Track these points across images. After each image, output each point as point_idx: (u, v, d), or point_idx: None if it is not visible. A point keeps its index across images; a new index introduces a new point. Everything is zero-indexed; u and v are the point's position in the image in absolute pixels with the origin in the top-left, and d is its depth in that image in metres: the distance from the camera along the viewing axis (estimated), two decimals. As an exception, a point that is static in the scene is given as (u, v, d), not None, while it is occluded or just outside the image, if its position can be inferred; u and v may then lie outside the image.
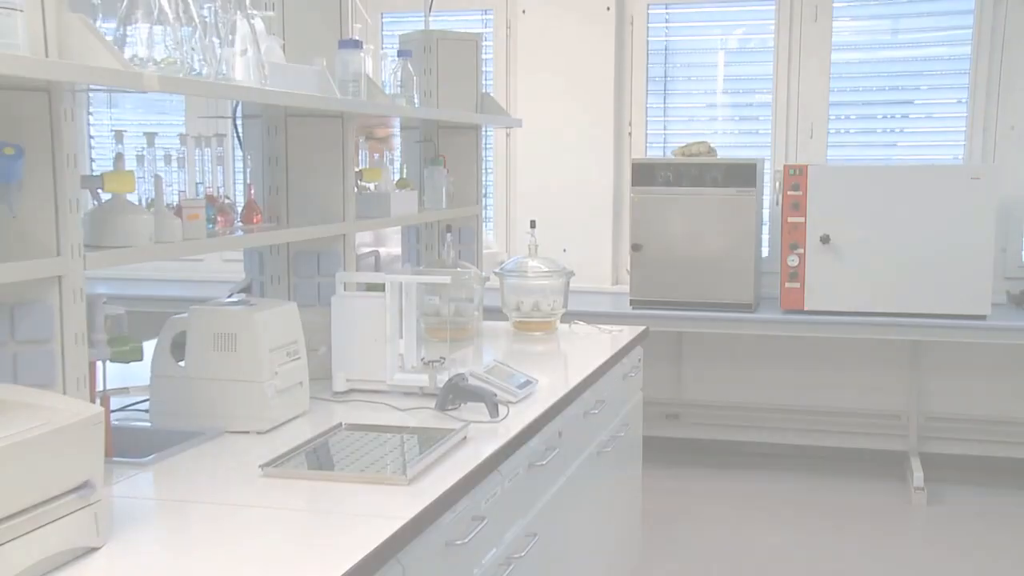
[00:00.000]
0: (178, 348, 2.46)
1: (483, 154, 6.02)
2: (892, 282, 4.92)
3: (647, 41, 5.80)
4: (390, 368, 2.85)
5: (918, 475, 5.04)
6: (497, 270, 3.92)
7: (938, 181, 4.90)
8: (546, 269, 3.88)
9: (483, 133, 6.08)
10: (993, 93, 5.35)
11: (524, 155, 5.88)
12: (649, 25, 5.78)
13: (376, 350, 2.84)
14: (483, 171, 6.07)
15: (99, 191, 2.05)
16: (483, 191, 6.10)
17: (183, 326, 2.45)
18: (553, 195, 5.76)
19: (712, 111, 5.88)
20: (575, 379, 3.11)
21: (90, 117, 6.09)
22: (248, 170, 2.98)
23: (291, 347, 2.56)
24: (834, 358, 5.60)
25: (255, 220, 2.84)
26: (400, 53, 3.64)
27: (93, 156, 6.11)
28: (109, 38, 1.92)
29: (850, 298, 4.99)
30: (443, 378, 2.76)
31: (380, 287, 2.86)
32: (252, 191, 2.88)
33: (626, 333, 3.86)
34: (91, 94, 5.89)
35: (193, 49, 2.10)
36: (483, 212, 6.14)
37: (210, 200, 2.72)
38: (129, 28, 2.03)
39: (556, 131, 5.74)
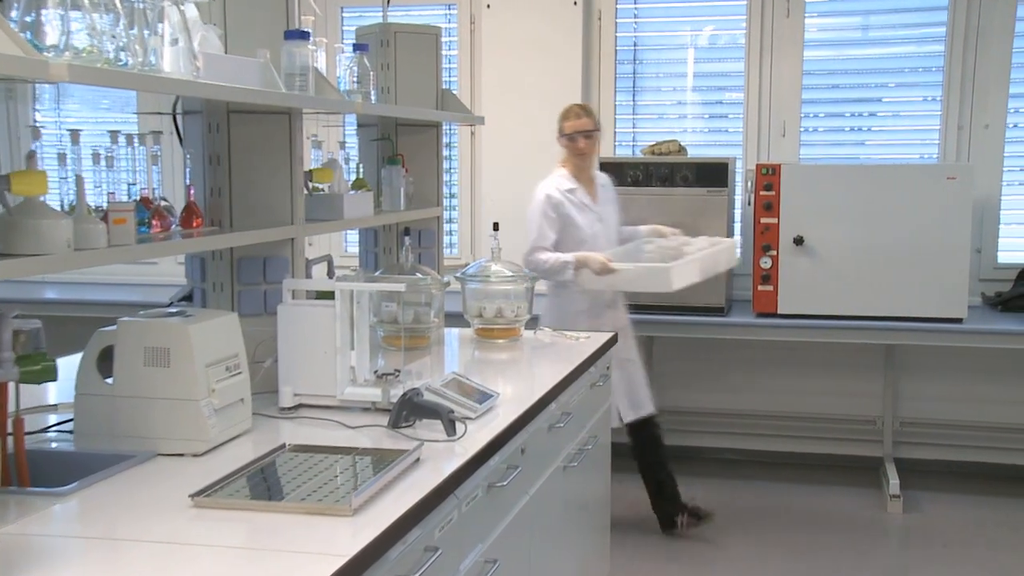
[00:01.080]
0: (105, 364, 2.26)
1: (445, 153, 5.91)
2: (867, 285, 4.79)
3: (615, 37, 5.65)
4: (341, 382, 2.67)
5: (894, 482, 4.91)
6: (458, 274, 3.74)
7: (913, 181, 4.77)
8: (509, 274, 3.71)
9: (448, 131, 5.98)
10: (967, 91, 5.24)
11: (489, 154, 5.70)
12: (617, 20, 5.63)
13: (326, 363, 2.66)
14: (444, 171, 5.94)
15: (5, 193, 1.84)
16: (447, 192, 5.98)
17: (110, 339, 2.26)
18: (519, 196, 5.55)
19: (682, 108, 5.73)
20: (539, 391, 2.93)
21: (36, 114, 5.86)
22: (188, 170, 2.78)
23: (231, 361, 2.37)
24: (808, 362, 5.47)
25: (195, 224, 2.64)
26: (356, 47, 3.45)
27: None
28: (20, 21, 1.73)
29: (824, 301, 4.85)
30: (397, 393, 2.58)
31: (332, 295, 2.67)
32: (192, 192, 2.68)
33: (593, 340, 3.69)
34: (40, 90, 5.67)
35: (114, 37, 1.90)
36: (447, 214, 6.02)
37: (144, 203, 2.52)
38: (44, 13, 1.83)
39: (522, 129, 5.57)
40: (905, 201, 4.75)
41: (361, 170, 3.83)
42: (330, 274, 3.37)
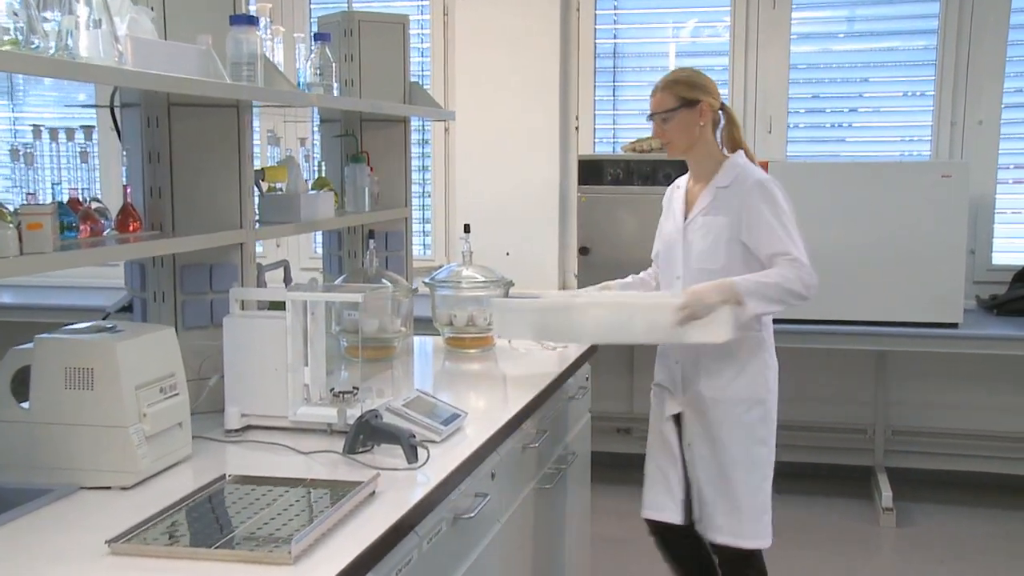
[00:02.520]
0: (21, 386, 2.01)
1: (417, 150, 5.69)
2: (858, 288, 4.58)
3: (595, 29, 5.43)
4: (293, 401, 2.42)
5: (886, 494, 4.70)
6: (427, 280, 3.50)
7: (906, 179, 4.56)
8: (482, 279, 3.47)
9: (420, 127, 5.74)
10: (960, 85, 5.04)
11: (463, 152, 5.47)
12: (597, 12, 5.41)
13: (276, 380, 2.41)
14: (413, 169, 5.67)
15: None
16: (420, 191, 5.75)
17: (26, 359, 2.01)
18: (495, 195, 5.36)
19: (664, 104, 5.48)
20: (513, 407, 2.70)
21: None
22: (126, 168, 2.54)
23: (166, 381, 2.12)
24: (796, 369, 5.20)
25: (131, 228, 2.39)
26: (317, 36, 3.21)
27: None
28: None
29: (813, 306, 4.56)
30: (355, 413, 2.34)
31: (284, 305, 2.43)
32: (129, 193, 2.44)
33: (572, 348, 3.46)
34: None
35: (19, 16, 1.66)
36: (420, 214, 5.78)
37: (72, 205, 2.28)
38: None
39: (498, 125, 5.35)
40: (898, 200, 4.54)
41: (323, 168, 3.60)
42: (287, 281, 3.13)
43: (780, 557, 4.33)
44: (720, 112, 3.08)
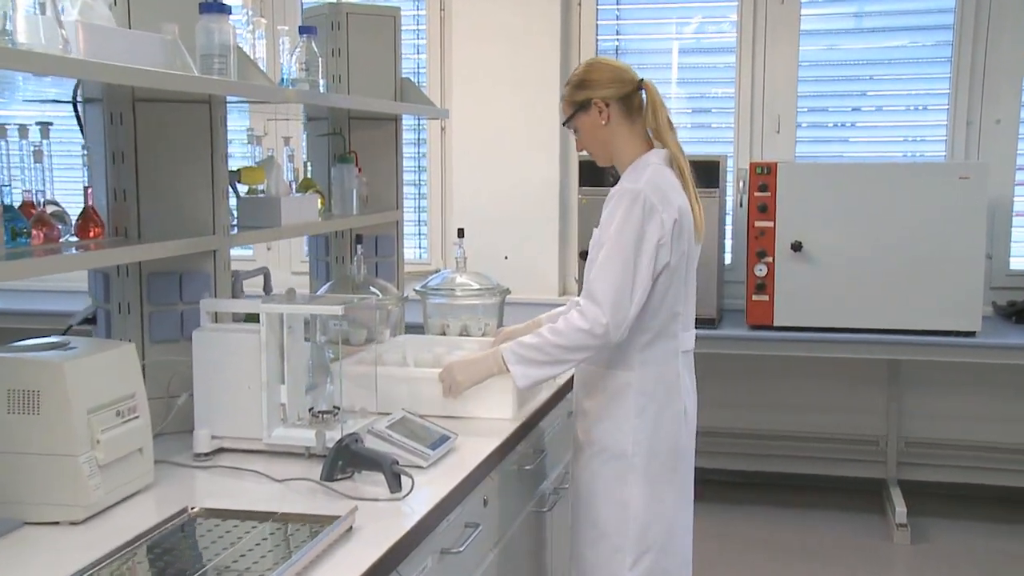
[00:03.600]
0: (-39, 411, 1.82)
1: (410, 150, 5.49)
2: (871, 295, 4.38)
3: (596, 25, 5.23)
4: (268, 422, 2.23)
5: (900, 510, 4.50)
6: (418, 287, 3.31)
7: (922, 181, 4.36)
8: (477, 286, 3.27)
9: (416, 126, 5.55)
10: (977, 84, 4.84)
11: (460, 152, 5.27)
12: (599, 7, 5.21)
13: (250, 399, 2.22)
14: (409, 170, 5.50)
15: None
16: (416, 192, 5.56)
17: (-34, 381, 1.82)
18: (493, 196, 5.17)
19: (666, 103, 5.27)
20: (508, 426, 2.51)
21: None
22: (88, 169, 2.35)
23: (124, 404, 1.93)
24: (806, 378, 5.06)
25: (92, 233, 2.20)
26: (303, 30, 3.02)
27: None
28: None
29: (824, 312, 4.44)
30: (334, 436, 2.15)
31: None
32: (91, 195, 2.25)
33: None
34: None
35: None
36: (416, 216, 5.60)
37: (24, 209, 2.09)
38: None
39: (496, 125, 5.16)
40: (913, 203, 4.34)
41: (309, 169, 3.41)
42: (267, 290, 2.94)
43: (784, 574, 4.15)
44: (641, 94, 2.57)
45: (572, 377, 3.07)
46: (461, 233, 3.39)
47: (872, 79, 5.02)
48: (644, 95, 2.57)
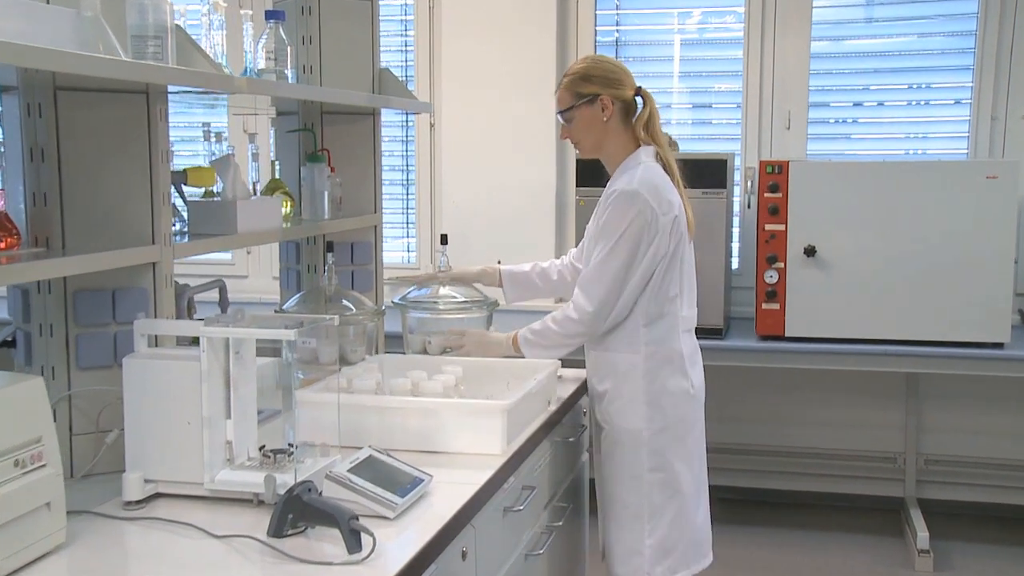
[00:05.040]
0: None
1: (398, 148, 5.19)
2: (890, 303, 4.08)
3: (595, 16, 4.93)
4: (210, 464, 1.92)
5: (922, 535, 4.18)
6: (397, 299, 3.00)
7: (945, 180, 4.05)
8: (461, 299, 2.97)
9: (404, 123, 5.25)
10: (1002, 77, 4.53)
11: (450, 150, 4.97)
12: (597, -1, 4.91)
13: (189, 437, 1.91)
14: (397, 169, 5.22)
15: None
16: (404, 192, 5.25)
17: None
18: (485, 197, 4.87)
19: (668, 98, 4.98)
20: (492, 463, 2.19)
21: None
22: (0, 170, 2.03)
23: (25, 451, 1.61)
24: (819, 393, 4.76)
25: (5, 244, 1.89)
26: (270, 15, 2.71)
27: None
28: None
29: (839, 322, 4.13)
30: (286, 480, 1.84)
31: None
32: (3, 199, 1.93)
33: (569, 378, 2.96)
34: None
35: None
36: (404, 218, 5.29)
37: (-82, 216, 1.78)
38: None
39: (488, 122, 4.87)
40: (935, 204, 4.04)
41: (278, 169, 3.10)
42: (222, 306, 2.62)
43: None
44: (639, 99, 2.73)
45: (576, 391, 2.83)
46: (444, 240, 3.08)
47: (888, 72, 4.71)
48: (642, 100, 2.73)
